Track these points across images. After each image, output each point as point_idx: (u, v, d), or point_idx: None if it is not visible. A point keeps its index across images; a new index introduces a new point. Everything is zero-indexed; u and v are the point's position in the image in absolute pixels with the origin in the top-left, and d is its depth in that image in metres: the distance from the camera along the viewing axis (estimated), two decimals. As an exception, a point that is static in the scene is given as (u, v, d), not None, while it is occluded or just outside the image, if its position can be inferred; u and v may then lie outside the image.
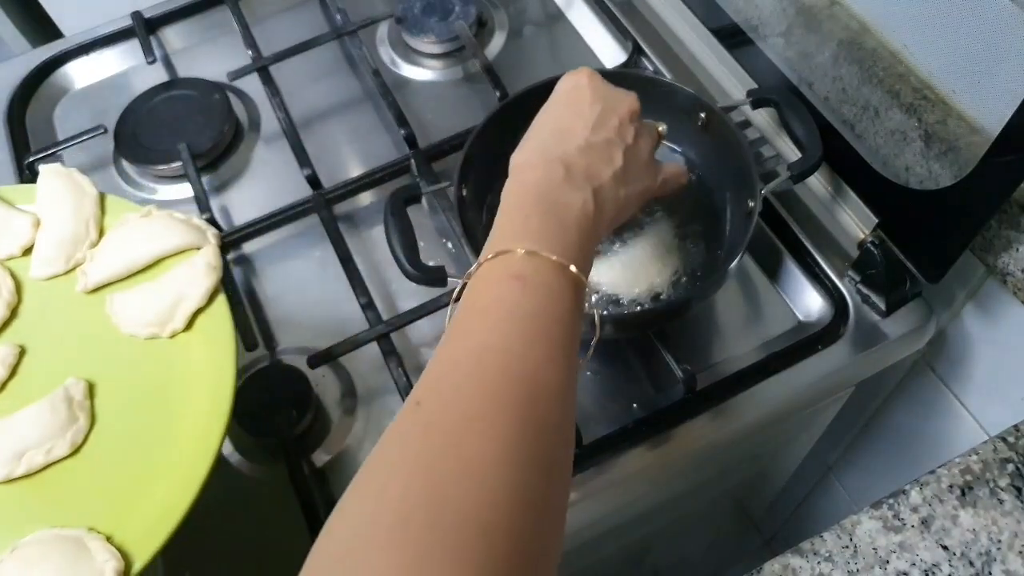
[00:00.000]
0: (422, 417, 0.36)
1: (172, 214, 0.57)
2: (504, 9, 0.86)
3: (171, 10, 0.86)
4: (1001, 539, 0.48)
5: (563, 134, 0.48)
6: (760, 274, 0.68)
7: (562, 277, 0.41)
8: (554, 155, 0.46)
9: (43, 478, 0.49)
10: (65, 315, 0.55)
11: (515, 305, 0.39)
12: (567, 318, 0.41)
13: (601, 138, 0.48)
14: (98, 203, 0.58)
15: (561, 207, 0.44)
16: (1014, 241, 0.55)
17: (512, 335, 0.38)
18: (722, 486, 0.85)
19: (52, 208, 0.57)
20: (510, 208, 0.45)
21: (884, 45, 0.59)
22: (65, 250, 0.56)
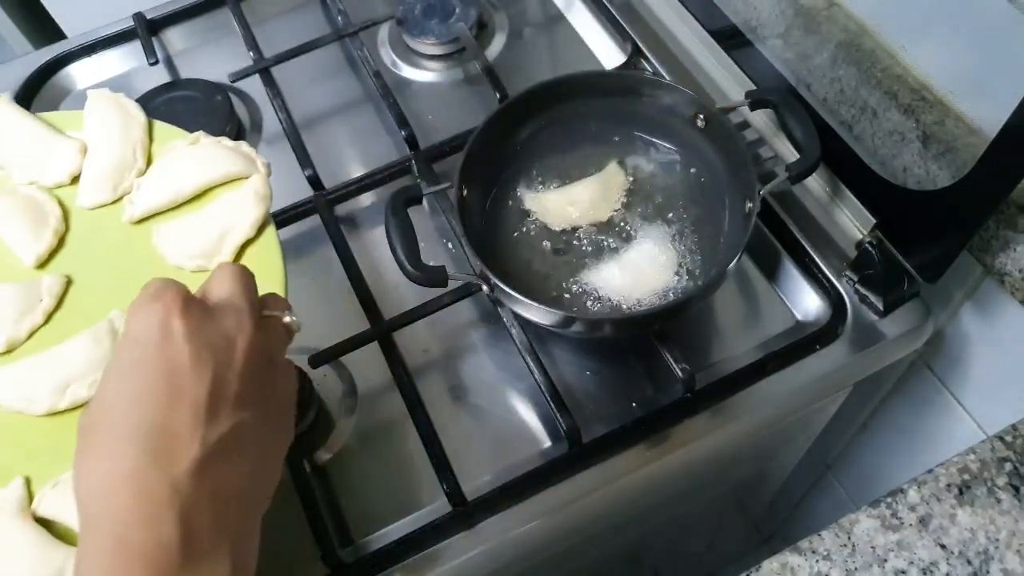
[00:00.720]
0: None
1: (221, 141, 0.55)
2: (504, 11, 0.87)
3: (173, 11, 0.87)
4: (999, 538, 0.49)
5: (164, 442, 0.31)
6: (759, 274, 0.68)
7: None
8: (157, 494, 0.30)
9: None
10: (111, 245, 0.54)
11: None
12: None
13: (224, 428, 0.32)
14: (146, 129, 0.57)
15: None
16: (1012, 241, 0.55)
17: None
18: (721, 485, 0.85)
19: (99, 134, 0.56)
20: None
21: (882, 46, 0.59)
22: (112, 178, 0.55)
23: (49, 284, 0.52)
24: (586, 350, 0.64)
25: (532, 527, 0.57)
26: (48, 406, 0.48)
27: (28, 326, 0.51)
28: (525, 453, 0.60)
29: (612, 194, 0.65)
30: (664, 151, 0.67)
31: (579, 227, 0.64)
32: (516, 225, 0.64)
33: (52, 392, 0.48)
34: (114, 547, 0.30)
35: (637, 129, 0.68)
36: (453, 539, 0.56)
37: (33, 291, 0.52)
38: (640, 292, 0.60)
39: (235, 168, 0.54)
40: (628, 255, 0.62)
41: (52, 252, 0.54)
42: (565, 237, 0.64)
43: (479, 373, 0.64)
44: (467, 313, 0.66)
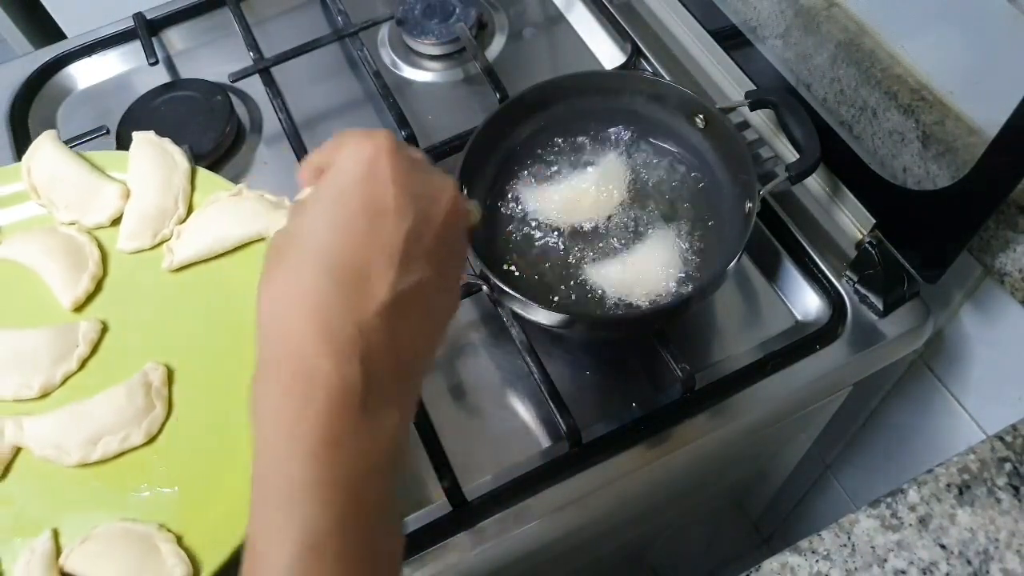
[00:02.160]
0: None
1: (263, 195, 0.56)
2: (504, 11, 0.87)
3: (173, 11, 0.87)
4: (999, 538, 0.49)
5: (358, 280, 0.30)
6: (758, 274, 0.68)
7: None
8: (347, 334, 0.29)
9: (117, 465, 0.48)
10: (149, 292, 0.54)
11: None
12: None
13: (412, 280, 0.32)
14: (189, 177, 0.57)
15: (361, 485, 0.29)
16: (1011, 241, 0.55)
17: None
18: (721, 485, 0.85)
19: (142, 179, 0.56)
20: (276, 496, 0.29)
21: (882, 46, 0.59)
22: (152, 224, 0.55)
23: (85, 330, 0.52)
24: (586, 350, 0.64)
25: (532, 527, 0.57)
26: (80, 458, 0.48)
27: (63, 372, 0.51)
28: (525, 453, 0.60)
29: (612, 187, 0.65)
30: (664, 151, 0.67)
31: (579, 225, 0.64)
32: (516, 225, 0.64)
33: (84, 444, 0.48)
34: (296, 375, 0.29)
35: (637, 129, 0.68)
36: (453, 539, 0.56)
37: (69, 336, 0.52)
38: (640, 291, 0.60)
39: (276, 224, 0.55)
40: (628, 254, 0.62)
41: (89, 297, 0.54)
42: (565, 236, 0.64)
43: (479, 373, 0.64)
44: (467, 313, 0.66)
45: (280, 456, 0.29)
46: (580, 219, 0.64)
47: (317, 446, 0.28)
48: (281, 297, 0.31)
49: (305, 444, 0.28)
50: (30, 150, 0.60)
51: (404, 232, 0.32)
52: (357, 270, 0.30)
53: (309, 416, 0.28)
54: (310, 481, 0.28)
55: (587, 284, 0.61)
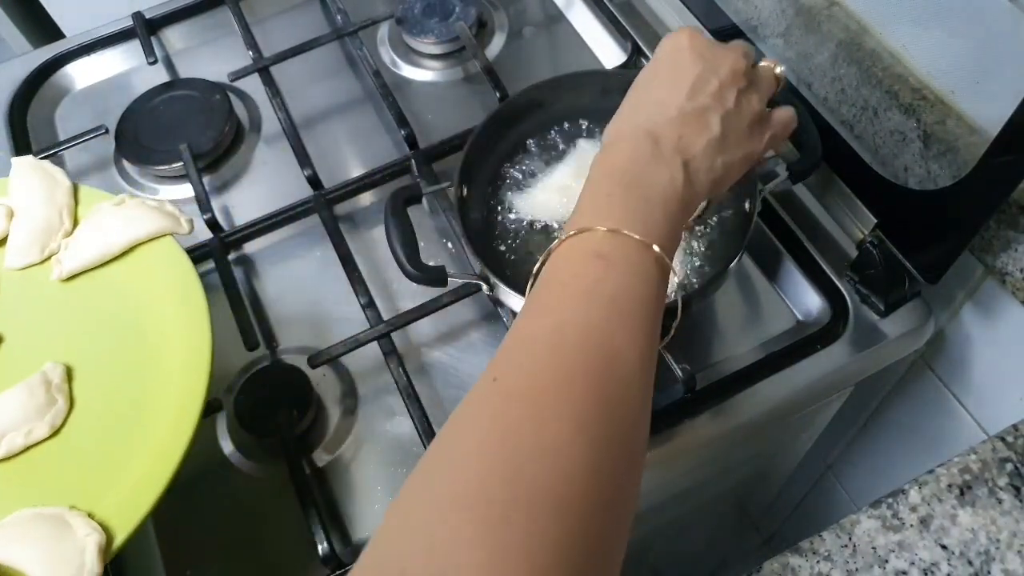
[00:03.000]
0: (501, 389, 0.36)
1: (145, 201, 0.58)
2: (504, 10, 0.86)
3: (172, 11, 0.87)
4: (1000, 538, 0.48)
5: (656, 104, 0.46)
6: (759, 274, 0.68)
7: (645, 257, 0.40)
8: (643, 127, 0.45)
9: (24, 460, 0.50)
10: (41, 303, 0.56)
11: (596, 283, 0.39)
12: (649, 299, 0.40)
13: (697, 105, 0.46)
14: (71, 193, 0.59)
15: (646, 184, 0.42)
16: (1013, 241, 0.55)
17: (592, 313, 0.38)
18: (721, 485, 0.85)
19: (25, 199, 0.58)
20: (593, 185, 0.44)
21: (883, 45, 0.59)
22: (39, 240, 0.56)
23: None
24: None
25: (532, 528, 0.56)
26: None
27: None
28: (525, 453, 0.60)
29: (580, 170, 0.65)
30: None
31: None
32: (517, 224, 0.64)
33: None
34: (606, 157, 0.45)
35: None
36: (453, 540, 0.56)
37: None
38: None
39: (159, 224, 0.56)
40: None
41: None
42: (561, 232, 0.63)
43: (479, 373, 0.63)
44: (467, 313, 0.66)
45: (602, 174, 0.45)
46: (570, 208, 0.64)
47: (624, 166, 0.44)
48: (617, 119, 0.48)
49: (617, 169, 0.44)
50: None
51: (694, 75, 0.46)
52: (659, 100, 0.46)
53: (620, 157, 0.45)
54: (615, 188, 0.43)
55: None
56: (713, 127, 0.46)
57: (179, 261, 0.55)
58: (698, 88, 0.46)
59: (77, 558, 0.44)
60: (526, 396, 0.35)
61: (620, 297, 0.39)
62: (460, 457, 0.34)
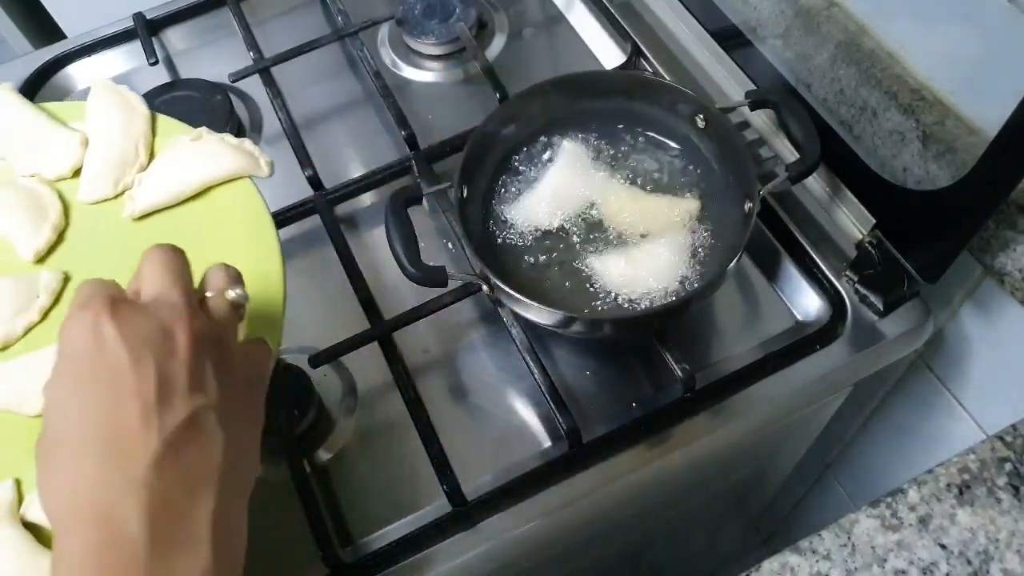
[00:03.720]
0: None
1: (224, 138, 0.55)
2: (504, 11, 0.87)
3: (173, 11, 0.87)
4: (999, 538, 0.49)
5: (118, 445, 0.31)
6: (758, 274, 0.68)
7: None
8: (123, 498, 0.30)
9: None
10: (111, 241, 0.53)
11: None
12: None
13: (180, 417, 0.32)
14: (149, 123, 0.56)
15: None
16: (1011, 241, 0.55)
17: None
18: (721, 485, 0.85)
19: (102, 127, 0.55)
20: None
21: (882, 46, 0.59)
22: (113, 173, 0.54)
23: (46, 281, 0.52)
24: (586, 350, 0.64)
25: (532, 527, 0.57)
26: (40, 407, 0.47)
27: (24, 323, 0.51)
28: (525, 453, 0.60)
29: (581, 170, 0.65)
30: (664, 150, 0.67)
31: (579, 223, 0.64)
32: (516, 224, 0.64)
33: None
34: (84, 551, 0.29)
35: (637, 129, 0.68)
36: (453, 539, 0.56)
37: (30, 287, 0.51)
38: (641, 288, 0.60)
39: (238, 165, 0.54)
40: (628, 251, 0.62)
41: (51, 247, 0.53)
42: (565, 234, 0.64)
43: (479, 373, 0.64)
44: (467, 313, 0.66)
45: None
46: (569, 210, 0.64)
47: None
48: (58, 485, 0.31)
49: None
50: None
51: (151, 381, 0.32)
52: (118, 436, 0.31)
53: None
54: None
55: (588, 281, 0.61)
56: (216, 435, 0.33)
57: (255, 206, 0.52)
58: (167, 388, 0.32)
59: None
60: None
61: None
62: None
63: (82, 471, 0.30)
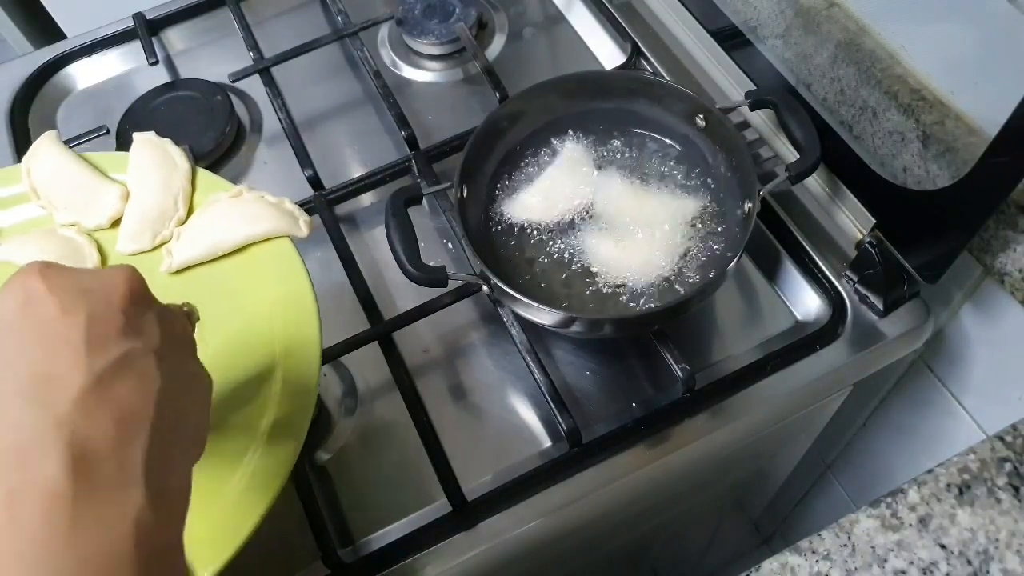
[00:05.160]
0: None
1: (264, 196, 0.55)
2: (504, 11, 0.87)
3: (173, 11, 0.87)
4: (999, 538, 0.49)
5: (43, 385, 0.29)
6: (758, 274, 0.68)
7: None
8: (40, 434, 0.28)
9: None
10: None
11: None
12: None
13: (112, 356, 0.30)
14: (189, 178, 0.57)
15: (93, 573, 0.27)
16: (1011, 241, 0.55)
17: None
18: (721, 485, 0.85)
19: (142, 180, 0.56)
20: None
21: (882, 46, 0.59)
22: (152, 226, 0.55)
23: None
24: (586, 350, 0.64)
25: (532, 527, 0.57)
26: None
27: None
28: (525, 453, 0.60)
29: (581, 170, 0.65)
30: (664, 150, 0.67)
31: (579, 223, 0.64)
32: (516, 223, 0.64)
33: None
34: (5, 500, 0.27)
35: (637, 129, 0.68)
36: (453, 539, 0.56)
37: None
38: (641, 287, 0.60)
39: (276, 225, 0.54)
40: (628, 252, 0.62)
41: None
42: (565, 234, 0.64)
43: (479, 373, 0.64)
44: (467, 313, 0.66)
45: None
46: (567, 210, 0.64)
47: (34, 561, 0.26)
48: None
49: (22, 566, 0.26)
50: (31, 151, 0.60)
51: (82, 322, 0.30)
52: (45, 379, 0.29)
53: (22, 530, 0.26)
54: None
55: (589, 281, 0.61)
56: (151, 375, 0.31)
57: (294, 267, 0.52)
58: (99, 331, 0.31)
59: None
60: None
61: None
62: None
63: (6, 415, 0.29)
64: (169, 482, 0.31)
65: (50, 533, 0.27)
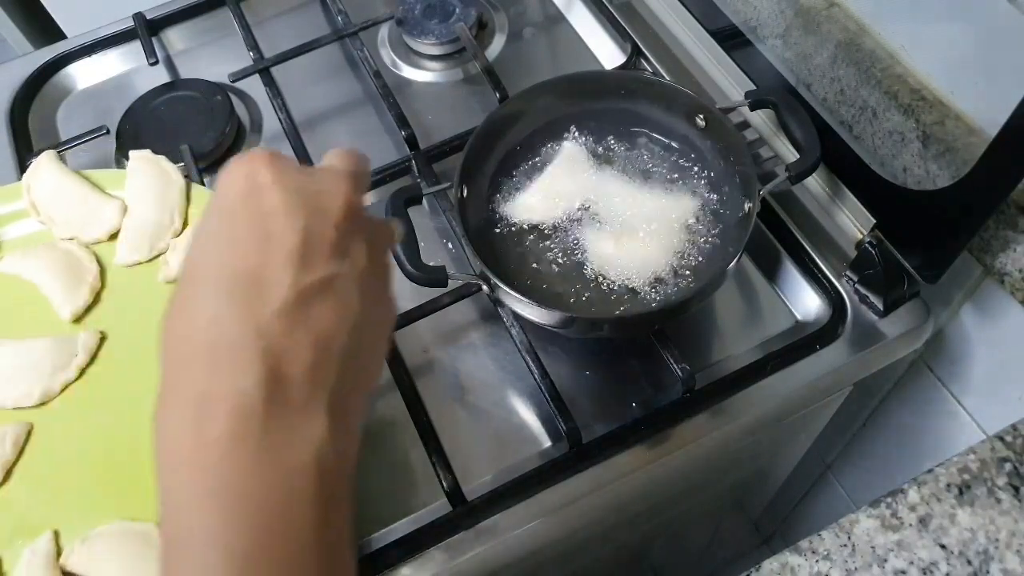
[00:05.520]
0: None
1: None
2: (504, 11, 0.87)
3: (173, 11, 0.87)
4: (999, 538, 0.49)
5: (251, 287, 0.28)
6: (758, 274, 0.68)
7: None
8: (243, 340, 0.27)
9: (118, 467, 0.50)
10: (146, 303, 0.55)
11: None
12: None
13: (318, 276, 0.29)
14: (184, 192, 0.59)
15: (275, 506, 0.25)
16: (1011, 241, 0.55)
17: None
18: (720, 485, 0.85)
19: (139, 195, 0.58)
20: (177, 523, 0.26)
21: (882, 46, 0.59)
22: (149, 239, 0.57)
23: (84, 340, 0.54)
24: (586, 350, 0.64)
25: (532, 527, 0.57)
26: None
27: (62, 380, 0.53)
28: (525, 453, 0.60)
29: (581, 170, 0.65)
30: (664, 150, 0.67)
31: (578, 222, 0.64)
32: (516, 223, 0.64)
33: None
34: (192, 399, 0.26)
35: (637, 128, 0.68)
36: (453, 539, 0.56)
37: (68, 346, 0.54)
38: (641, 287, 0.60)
39: None
40: (628, 251, 0.62)
41: (88, 308, 0.56)
42: (564, 233, 0.64)
43: (479, 373, 0.64)
44: (467, 313, 0.66)
45: (180, 502, 0.26)
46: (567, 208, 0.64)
47: (216, 481, 0.25)
48: (178, 319, 0.29)
49: (205, 482, 0.25)
50: (31, 169, 0.62)
51: (299, 230, 0.29)
52: (251, 278, 0.28)
53: (208, 429, 0.25)
54: (212, 531, 0.25)
55: (588, 281, 0.61)
56: (352, 304, 0.30)
57: None
58: (312, 246, 0.30)
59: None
60: None
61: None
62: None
63: (207, 307, 0.28)
64: (349, 419, 0.29)
65: (238, 453, 0.25)
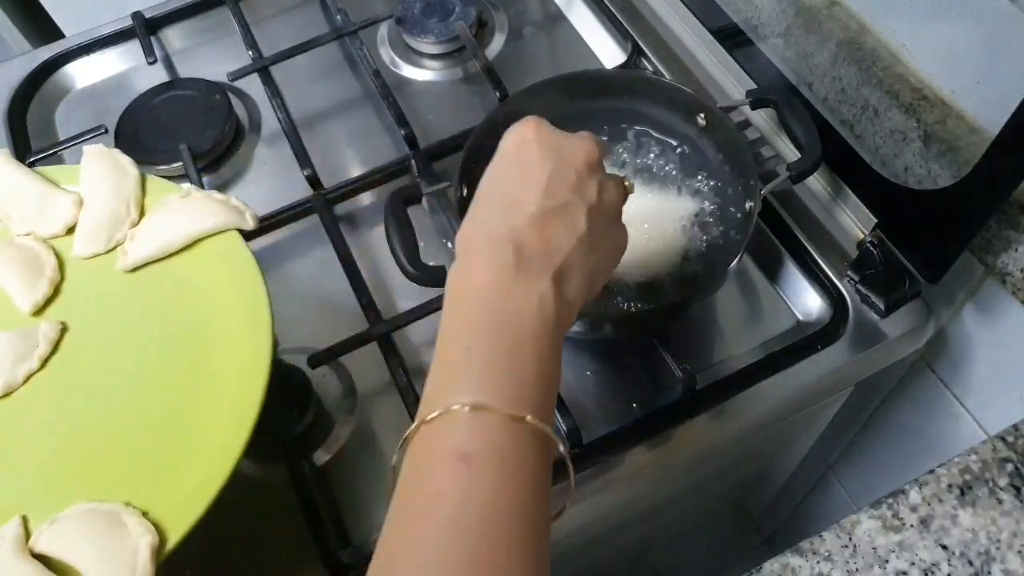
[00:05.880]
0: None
1: (211, 195, 0.58)
2: (504, 10, 0.86)
3: (171, 10, 0.86)
4: (1000, 538, 0.48)
5: (511, 205, 0.42)
6: (759, 274, 0.68)
7: (519, 438, 0.36)
8: (501, 234, 0.41)
9: (82, 452, 0.50)
10: (106, 292, 0.56)
11: (462, 500, 0.34)
12: (529, 500, 0.36)
13: (558, 202, 0.42)
14: (139, 184, 0.60)
15: (511, 313, 0.39)
16: (1013, 241, 0.55)
17: (462, 544, 0.33)
18: (721, 485, 0.85)
19: (95, 188, 0.59)
20: (449, 328, 0.40)
21: (883, 45, 0.59)
22: (106, 230, 0.57)
23: (45, 331, 0.54)
24: (586, 350, 0.64)
25: (532, 528, 0.56)
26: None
27: (24, 371, 0.53)
28: (525, 453, 0.60)
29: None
30: (664, 150, 0.67)
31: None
32: (516, 225, 0.64)
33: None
34: (463, 280, 0.41)
35: (637, 128, 0.67)
36: (453, 540, 0.56)
37: (30, 338, 0.54)
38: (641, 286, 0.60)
39: (224, 219, 0.57)
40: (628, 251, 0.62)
41: (48, 300, 0.56)
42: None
43: (479, 373, 0.64)
44: (467, 313, 0.66)
45: (452, 316, 0.40)
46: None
47: (483, 293, 0.39)
48: (467, 226, 0.43)
49: (475, 295, 0.40)
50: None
51: (547, 170, 0.43)
52: (512, 200, 0.42)
53: (478, 277, 0.40)
54: (467, 329, 0.39)
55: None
56: (579, 224, 0.42)
57: (242, 257, 0.56)
58: (555, 182, 0.42)
59: (129, 559, 0.44)
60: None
61: (493, 516, 0.34)
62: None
63: (487, 213, 0.43)
64: (567, 288, 0.41)
65: (496, 292, 0.39)
